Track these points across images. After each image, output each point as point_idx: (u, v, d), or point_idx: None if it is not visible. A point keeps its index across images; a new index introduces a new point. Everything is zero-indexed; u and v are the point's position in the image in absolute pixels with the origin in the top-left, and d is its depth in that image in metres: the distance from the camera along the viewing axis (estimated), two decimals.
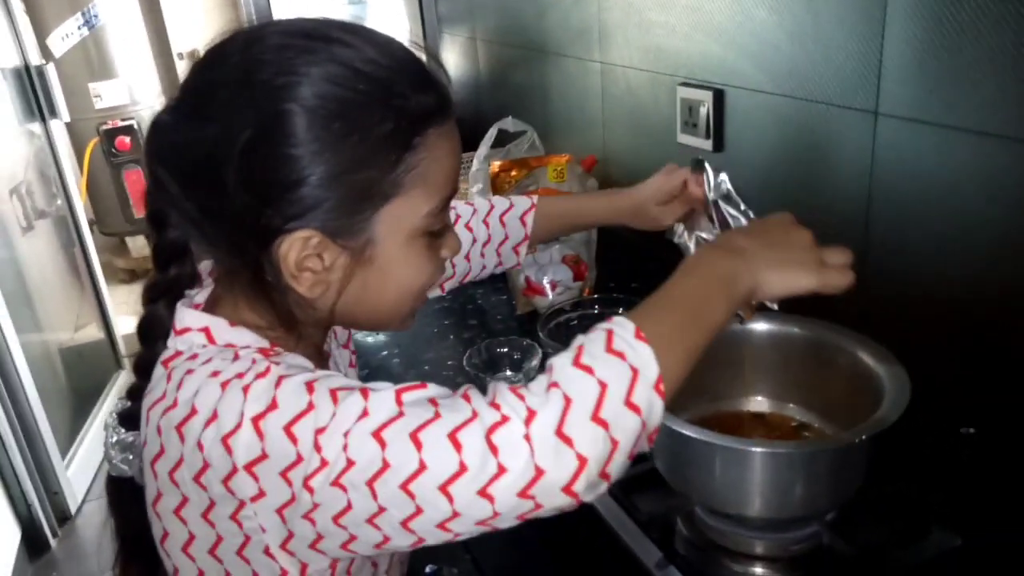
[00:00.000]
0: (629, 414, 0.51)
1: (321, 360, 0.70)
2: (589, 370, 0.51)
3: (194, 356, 0.59)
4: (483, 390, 0.54)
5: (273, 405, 0.53)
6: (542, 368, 0.52)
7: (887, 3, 0.92)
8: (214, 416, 0.54)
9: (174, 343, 0.62)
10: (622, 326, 0.54)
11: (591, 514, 0.85)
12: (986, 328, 0.90)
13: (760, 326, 0.85)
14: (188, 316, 0.62)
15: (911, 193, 0.96)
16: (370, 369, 1.23)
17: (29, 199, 2.43)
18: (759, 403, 0.88)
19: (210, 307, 0.64)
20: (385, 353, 1.28)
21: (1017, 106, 0.81)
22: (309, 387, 0.54)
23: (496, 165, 1.30)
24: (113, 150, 3.52)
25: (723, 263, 0.61)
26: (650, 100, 1.43)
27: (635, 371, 0.51)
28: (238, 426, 0.53)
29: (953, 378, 0.95)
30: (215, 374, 0.56)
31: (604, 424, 0.50)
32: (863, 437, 0.67)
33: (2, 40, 2.41)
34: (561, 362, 0.53)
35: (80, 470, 2.42)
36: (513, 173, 1.29)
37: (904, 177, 0.96)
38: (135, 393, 0.65)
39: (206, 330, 0.61)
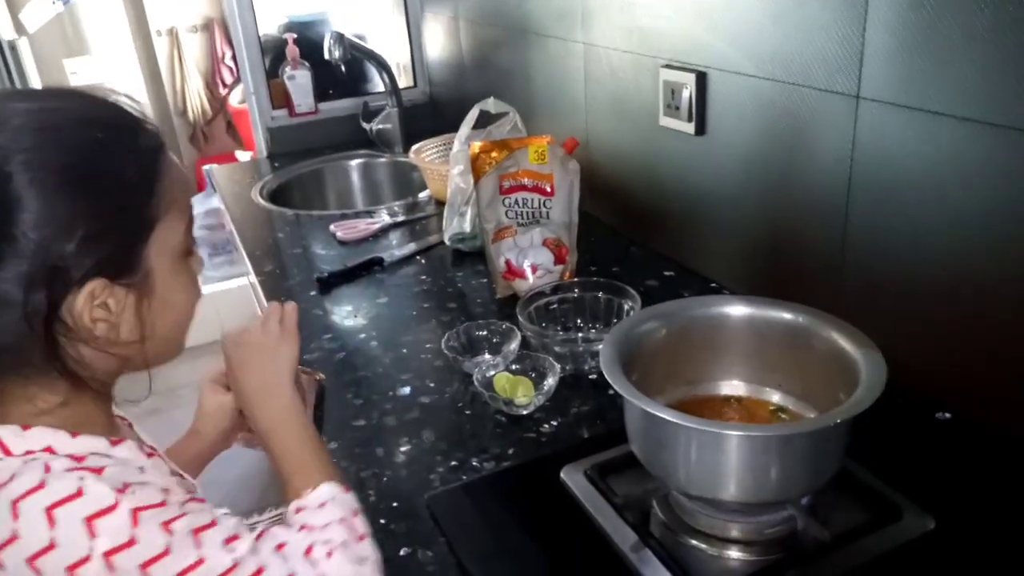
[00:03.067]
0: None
1: (113, 426, 0.69)
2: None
3: None
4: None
5: (131, 542, 0.55)
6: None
7: None
8: (51, 545, 0.54)
9: None
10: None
11: (567, 497, 0.84)
12: (963, 313, 0.91)
13: (737, 310, 0.85)
14: None
15: (891, 178, 0.96)
16: (347, 352, 1.22)
17: None
18: (736, 387, 0.88)
19: None
20: (363, 336, 1.27)
21: (995, 92, 0.81)
22: (166, 527, 0.57)
23: (476, 146, 1.28)
24: None
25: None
26: (632, 82, 1.42)
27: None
28: (86, 559, 0.54)
29: (930, 363, 0.95)
30: (30, 493, 0.55)
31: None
32: (838, 420, 0.67)
33: None
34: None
35: None
36: (494, 154, 1.27)
37: (884, 162, 0.96)
38: None
39: None
